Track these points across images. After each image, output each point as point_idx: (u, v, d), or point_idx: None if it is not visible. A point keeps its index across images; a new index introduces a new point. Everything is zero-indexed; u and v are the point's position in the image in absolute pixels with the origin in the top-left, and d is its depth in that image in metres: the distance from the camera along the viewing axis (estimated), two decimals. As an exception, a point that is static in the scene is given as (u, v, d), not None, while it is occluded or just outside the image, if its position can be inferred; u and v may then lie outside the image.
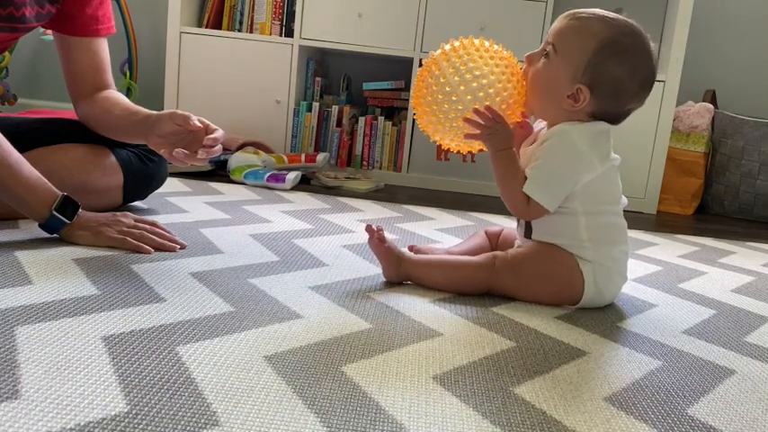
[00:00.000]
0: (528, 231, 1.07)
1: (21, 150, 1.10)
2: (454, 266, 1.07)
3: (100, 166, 1.29)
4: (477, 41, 1.03)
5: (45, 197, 1.07)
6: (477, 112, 0.98)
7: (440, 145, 1.10)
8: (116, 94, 1.32)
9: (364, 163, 2.39)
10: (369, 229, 1.07)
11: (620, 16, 1.03)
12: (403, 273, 1.07)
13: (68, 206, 1.09)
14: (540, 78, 1.02)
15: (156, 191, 1.49)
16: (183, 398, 0.63)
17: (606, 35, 1.00)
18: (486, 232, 1.23)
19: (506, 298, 1.05)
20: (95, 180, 1.28)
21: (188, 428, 0.58)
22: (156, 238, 1.13)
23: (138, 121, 1.20)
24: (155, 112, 1.22)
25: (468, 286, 1.05)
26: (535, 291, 1.04)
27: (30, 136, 1.24)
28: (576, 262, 1.02)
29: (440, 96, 1.01)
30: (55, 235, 1.10)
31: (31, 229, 1.15)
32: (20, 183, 1.05)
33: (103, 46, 1.31)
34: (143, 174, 1.37)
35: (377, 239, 1.07)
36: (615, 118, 1.04)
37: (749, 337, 1.00)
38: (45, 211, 1.07)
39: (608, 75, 1.00)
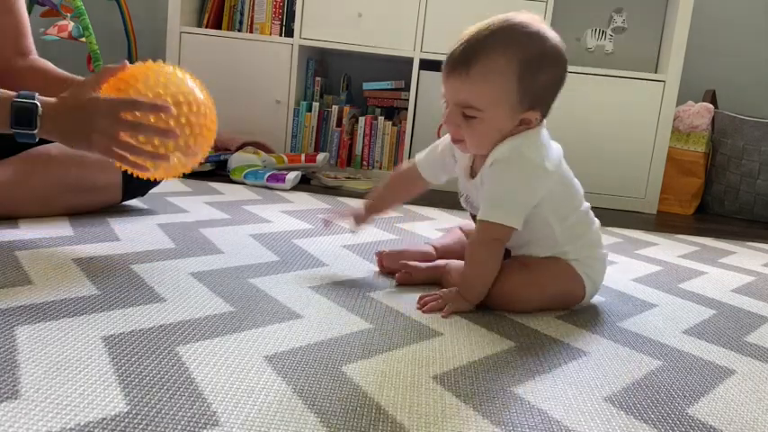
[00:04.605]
0: (506, 253, 1.05)
1: (19, 147, 1.09)
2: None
3: (98, 164, 1.26)
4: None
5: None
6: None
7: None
8: (43, 62, 1.27)
9: (364, 163, 2.39)
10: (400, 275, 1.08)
11: (494, 20, 0.95)
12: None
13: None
14: (484, 136, 0.96)
15: (156, 190, 1.49)
16: (183, 398, 0.63)
17: (516, 60, 0.92)
18: (461, 229, 1.23)
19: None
20: (94, 177, 1.27)
21: (188, 428, 0.58)
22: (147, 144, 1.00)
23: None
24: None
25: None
26: (542, 301, 1.02)
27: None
28: (569, 264, 1.03)
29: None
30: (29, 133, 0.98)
31: (31, 229, 1.16)
32: None
33: (23, 6, 1.26)
34: None
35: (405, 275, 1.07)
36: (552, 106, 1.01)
37: (749, 337, 1.00)
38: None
39: (542, 86, 0.95)
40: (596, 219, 1.09)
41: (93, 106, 0.97)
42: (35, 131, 0.97)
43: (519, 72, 0.92)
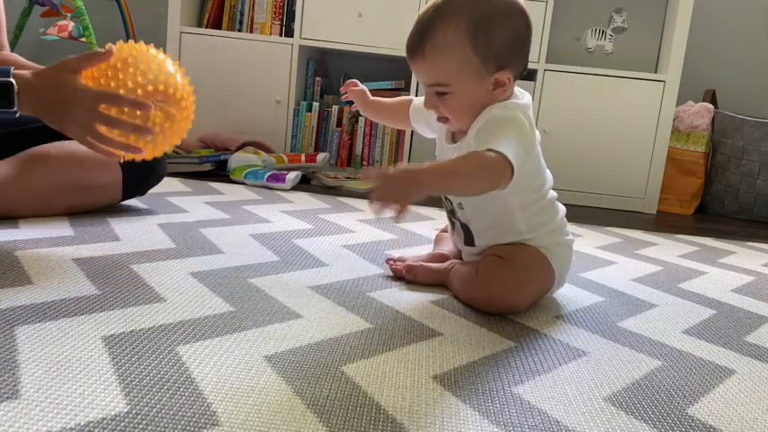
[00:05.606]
0: (469, 239, 1.04)
1: (19, 147, 1.09)
2: None
3: (98, 163, 1.26)
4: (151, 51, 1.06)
5: None
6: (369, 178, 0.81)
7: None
8: (13, 56, 1.25)
9: (364, 163, 2.39)
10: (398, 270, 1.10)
11: None
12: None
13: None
14: (462, 109, 0.95)
15: (157, 190, 1.49)
16: (183, 398, 0.63)
17: (464, 26, 0.90)
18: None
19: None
20: (94, 176, 1.27)
21: (188, 428, 0.58)
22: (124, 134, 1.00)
23: None
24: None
25: None
26: (528, 300, 1.01)
27: (28, 132, 1.23)
28: (539, 252, 1.01)
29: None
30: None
31: (31, 229, 1.16)
32: None
33: None
34: (142, 169, 1.31)
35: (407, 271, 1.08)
36: (527, 63, 0.99)
37: (749, 337, 1.00)
38: None
39: (500, 44, 0.92)
40: (563, 207, 1.07)
41: (72, 94, 0.97)
42: (14, 109, 0.97)
43: (470, 37, 0.91)
